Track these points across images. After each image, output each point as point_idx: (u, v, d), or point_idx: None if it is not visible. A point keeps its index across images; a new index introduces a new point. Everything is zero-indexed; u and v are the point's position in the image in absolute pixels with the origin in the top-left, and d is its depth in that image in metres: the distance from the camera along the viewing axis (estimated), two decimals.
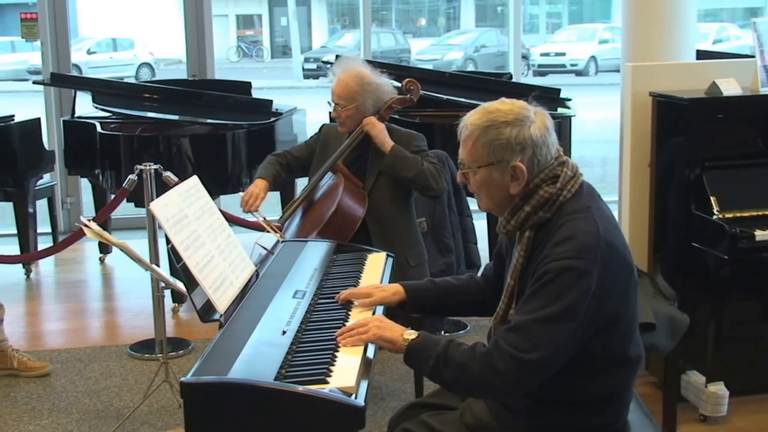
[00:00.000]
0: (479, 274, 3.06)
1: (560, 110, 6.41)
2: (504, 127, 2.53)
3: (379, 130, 4.21)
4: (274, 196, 6.85)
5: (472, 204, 5.40)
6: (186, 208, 3.06)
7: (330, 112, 4.38)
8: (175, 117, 6.61)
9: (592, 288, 2.41)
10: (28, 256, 6.73)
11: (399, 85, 4.60)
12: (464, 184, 2.70)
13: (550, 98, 6.52)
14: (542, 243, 2.53)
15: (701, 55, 5.32)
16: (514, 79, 8.00)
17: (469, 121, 2.60)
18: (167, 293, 4.92)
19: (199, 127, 6.42)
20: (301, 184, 4.75)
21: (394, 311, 3.02)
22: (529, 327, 2.42)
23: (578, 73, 23.70)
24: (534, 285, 2.46)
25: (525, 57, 22.05)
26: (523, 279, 2.58)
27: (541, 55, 24.63)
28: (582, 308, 2.41)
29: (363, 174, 4.29)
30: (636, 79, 4.53)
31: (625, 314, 2.55)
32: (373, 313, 2.88)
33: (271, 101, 6.77)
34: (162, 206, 2.96)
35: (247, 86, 7.27)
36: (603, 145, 11.65)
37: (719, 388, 4.19)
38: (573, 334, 2.43)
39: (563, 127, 6.11)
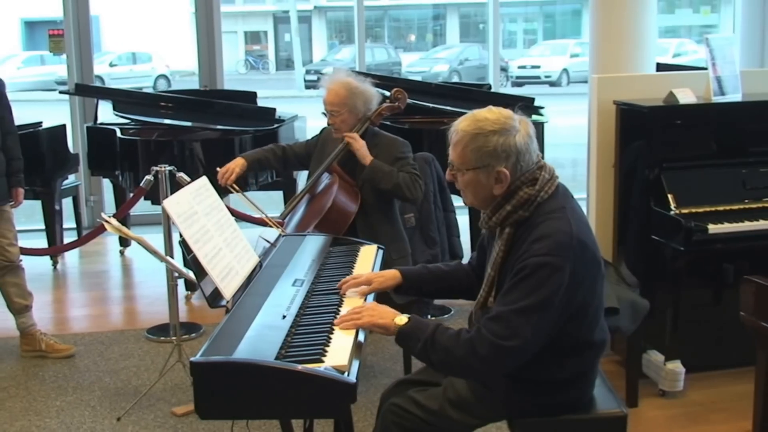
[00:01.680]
0: (467, 262, 3.07)
1: (534, 117, 6.40)
2: (491, 136, 2.53)
3: (359, 145, 4.21)
4: (277, 195, 6.85)
5: (456, 201, 5.41)
6: (196, 206, 3.05)
7: (327, 122, 4.38)
8: (188, 123, 6.60)
9: (564, 282, 2.43)
10: (54, 249, 6.73)
11: (389, 94, 4.61)
12: (452, 182, 2.69)
13: (526, 106, 6.53)
14: (521, 239, 2.54)
15: (660, 67, 5.33)
16: (493, 90, 8.00)
17: (460, 127, 2.59)
18: (180, 282, 4.91)
19: (209, 133, 6.41)
20: (302, 183, 4.75)
21: (387, 297, 3.02)
22: (509, 317, 2.44)
23: (552, 84, 23.68)
24: (513, 279, 2.48)
25: (504, 69, 22.04)
26: (503, 271, 2.59)
27: (519, 67, 24.62)
28: (556, 300, 2.43)
29: (355, 174, 4.30)
30: (602, 89, 4.54)
31: (592, 304, 2.58)
32: (365, 300, 2.89)
33: (274, 109, 6.76)
34: (174, 203, 2.96)
35: (253, 96, 7.25)
36: (574, 148, 11.66)
37: (676, 366, 4.20)
38: (548, 324, 2.46)
39: (537, 132, 6.10)
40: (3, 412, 4.23)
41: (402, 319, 2.60)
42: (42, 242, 6.85)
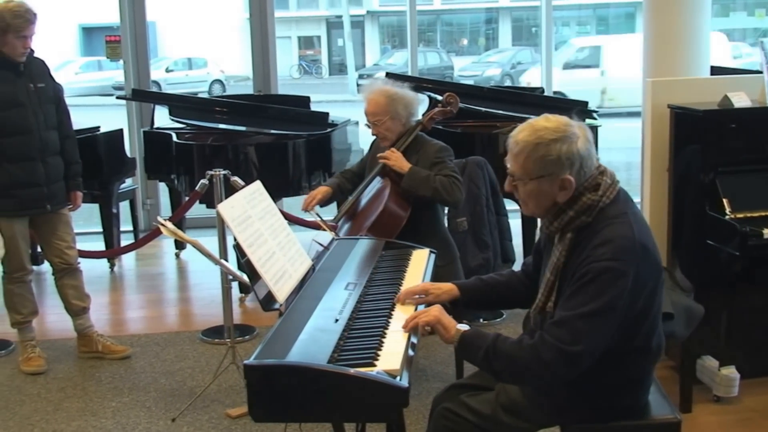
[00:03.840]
0: (519, 269, 3.05)
1: (588, 121, 6.36)
2: (553, 144, 2.51)
3: (394, 160, 4.23)
4: None
5: (509, 204, 5.40)
6: (250, 210, 3.08)
7: (371, 133, 4.40)
8: (243, 128, 6.64)
9: (628, 287, 2.41)
10: (112, 252, 6.82)
11: (441, 98, 4.62)
12: (512, 192, 2.66)
13: (579, 110, 6.47)
14: (582, 244, 2.52)
15: (715, 71, 5.25)
16: (545, 93, 7.95)
17: (520, 137, 2.56)
18: (234, 285, 4.95)
19: (263, 137, 6.45)
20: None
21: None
22: (572, 322, 2.43)
23: None
24: (576, 284, 2.46)
25: None
26: (563, 275, 2.57)
27: None
28: (619, 305, 2.42)
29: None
30: (656, 93, 4.49)
31: (651, 309, 2.55)
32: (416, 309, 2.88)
33: (327, 113, 6.78)
34: (228, 207, 2.98)
35: (306, 100, 7.29)
36: (627, 152, 11.56)
37: (731, 372, 4.14)
38: (611, 328, 2.44)
39: None
40: (60, 413, 4.30)
41: (463, 326, 2.61)
42: (99, 245, 6.95)
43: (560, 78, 14.12)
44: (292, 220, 5.80)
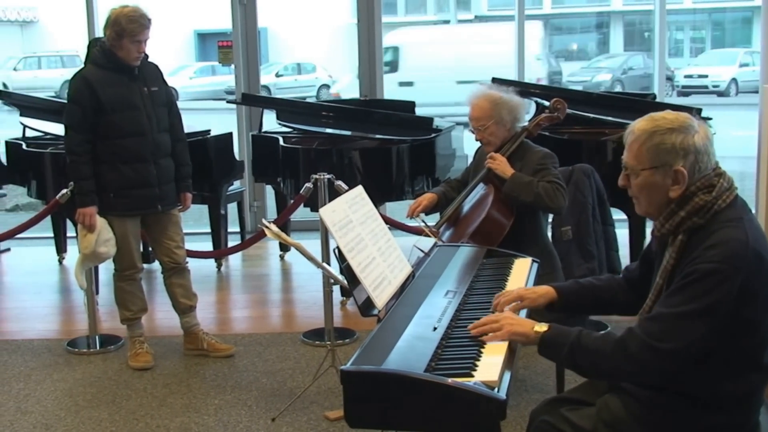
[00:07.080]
0: (620, 275, 2.98)
1: None
2: (669, 133, 2.46)
3: (497, 164, 4.19)
4: None
5: (615, 214, 5.27)
6: (351, 214, 3.07)
7: (475, 138, 4.36)
8: (348, 132, 6.69)
9: (733, 293, 2.33)
10: (219, 252, 6.94)
11: (548, 104, 4.54)
12: (625, 187, 2.60)
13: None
14: (693, 247, 2.45)
15: None
16: (658, 99, 7.75)
17: (636, 126, 2.53)
18: (336, 288, 4.97)
19: (367, 142, 6.48)
20: None
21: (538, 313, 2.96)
22: (667, 319, 2.37)
23: (720, 94, 22.85)
24: (679, 282, 2.40)
25: (669, 78, 21.38)
26: (671, 278, 2.50)
27: (685, 76, 23.93)
28: (720, 310, 2.33)
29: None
30: None
31: (764, 322, 2.44)
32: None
33: (432, 119, 6.73)
34: (330, 212, 2.98)
35: (411, 105, 7.28)
36: (742, 161, 11.18)
37: None
38: (707, 333, 2.36)
39: None
40: (164, 408, 4.39)
41: (542, 326, 2.56)
42: (207, 245, 7.09)
43: None
44: (394, 225, 5.79)
